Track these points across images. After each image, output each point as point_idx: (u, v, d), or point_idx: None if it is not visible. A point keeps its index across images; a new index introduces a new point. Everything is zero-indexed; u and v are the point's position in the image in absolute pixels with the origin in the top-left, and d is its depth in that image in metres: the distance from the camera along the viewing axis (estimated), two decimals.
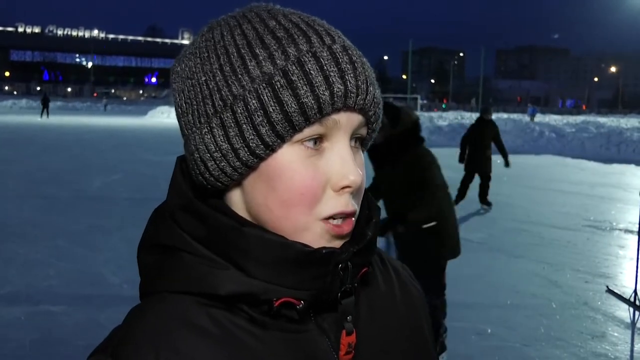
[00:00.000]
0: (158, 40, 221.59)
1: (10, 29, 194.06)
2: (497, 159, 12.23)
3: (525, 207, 12.13)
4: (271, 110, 0.74)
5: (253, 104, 0.75)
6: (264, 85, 0.75)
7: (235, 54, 0.78)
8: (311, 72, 0.75)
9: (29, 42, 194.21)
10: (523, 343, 5.29)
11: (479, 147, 12.01)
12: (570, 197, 13.73)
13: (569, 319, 5.92)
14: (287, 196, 0.77)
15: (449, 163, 21.15)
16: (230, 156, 0.77)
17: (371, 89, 0.79)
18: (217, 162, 0.78)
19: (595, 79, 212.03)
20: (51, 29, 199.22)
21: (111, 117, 53.93)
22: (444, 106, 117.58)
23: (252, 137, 0.75)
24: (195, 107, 0.80)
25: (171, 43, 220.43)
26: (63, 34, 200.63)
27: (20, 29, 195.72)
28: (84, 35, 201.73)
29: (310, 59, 0.76)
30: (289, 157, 0.77)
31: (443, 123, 37.39)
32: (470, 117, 52.91)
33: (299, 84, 0.74)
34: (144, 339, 0.76)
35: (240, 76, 0.76)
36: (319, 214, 0.78)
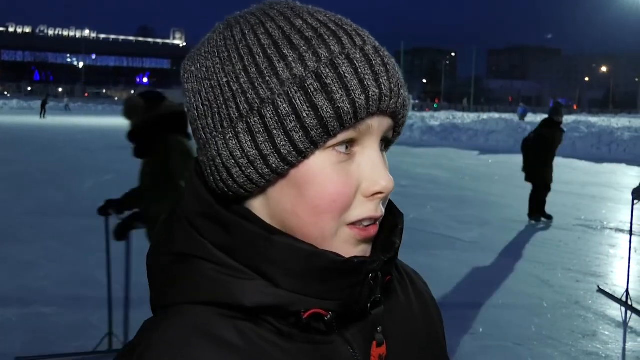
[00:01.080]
0: (150, 40, 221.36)
1: (1, 29, 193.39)
2: (488, 158, 12.25)
3: (516, 206, 12.14)
4: (305, 116, 0.71)
5: (284, 108, 0.71)
6: (295, 88, 0.71)
7: (260, 54, 0.74)
8: (346, 75, 0.72)
9: (19, 42, 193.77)
10: (515, 342, 5.31)
11: (546, 153, 10.62)
12: (561, 196, 13.76)
13: (560, 318, 5.94)
14: (318, 203, 0.74)
15: (441, 163, 21.34)
16: (259, 163, 0.73)
17: (402, 91, 0.77)
18: (243, 168, 0.74)
19: (587, 79, 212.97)
20: (42, 29, 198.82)
21: (103, 118, 53.76)
22: (435, 106, 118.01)
23: (284, 143, 0.72)
24: (216, 110, 0.75)
25: (163, 43, 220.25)
26: (54, 34, 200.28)
27: (11, 29, 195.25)
28: (75, 36, 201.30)
29: (344, 61, 0.72)
30: (321, 163, 0.74)
31: (435, 123, 37.46)
32: (462, 117, 53.05)
33: (334, 88, 0.71)
34: (165, 354, 0.72)
35: (268, 78, 0.72)
36: (347, 219, 0.76)
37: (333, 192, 0.74)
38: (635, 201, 6.59)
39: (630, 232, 6.74)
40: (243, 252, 0.75)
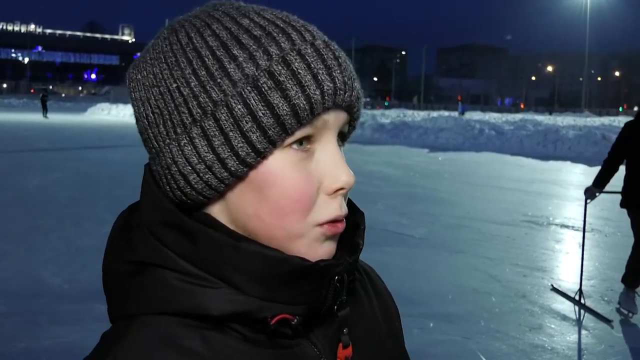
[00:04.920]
0: (97, 35, 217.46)
1: None
2: (438, 156, 12.38)
3: (465, 203, 12.33)
4: (261, 115, 0.70)
5: (239, 109, 0.70)
6: (249, 88, 0.70)
7: (209, 56, 0.72)
8: (299, 71, 0.71)
9: None
10: (464, 336, 5.40)
11: None
12: (509, 193, 14.02)
13: (508, 312, 6.06)
14: (281, 204, 0.73)
15: (391, 160, 21.50)
16: (217, 167, 0.71)
17: (356, 84, 0.77)
18: (201, 174, 0.72)
19: (533, 78, 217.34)
20: None
21: (50, 114, 52.68)
22: (386, 104, 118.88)
23: (241, 144, 0.70)
24: (167, 116, 0.73)
25: (111, 39, 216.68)
26: None
27: None
28: (20, 30, 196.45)
29: (295, 57, 0.72)
30: (280, 162, 0.73)
31: (386, 121, 37.69)
32: (412, 115, 53.58)
33: (288, 85, 0.70)
34: None
35: (219, 80, 0.71)
36: (315, 221, 0.75)
37: (295, 192, 0.73)
38: (588, 200, 6.51)
39: (584, 231, 6.83)
40: (208, 261, 0.73)
